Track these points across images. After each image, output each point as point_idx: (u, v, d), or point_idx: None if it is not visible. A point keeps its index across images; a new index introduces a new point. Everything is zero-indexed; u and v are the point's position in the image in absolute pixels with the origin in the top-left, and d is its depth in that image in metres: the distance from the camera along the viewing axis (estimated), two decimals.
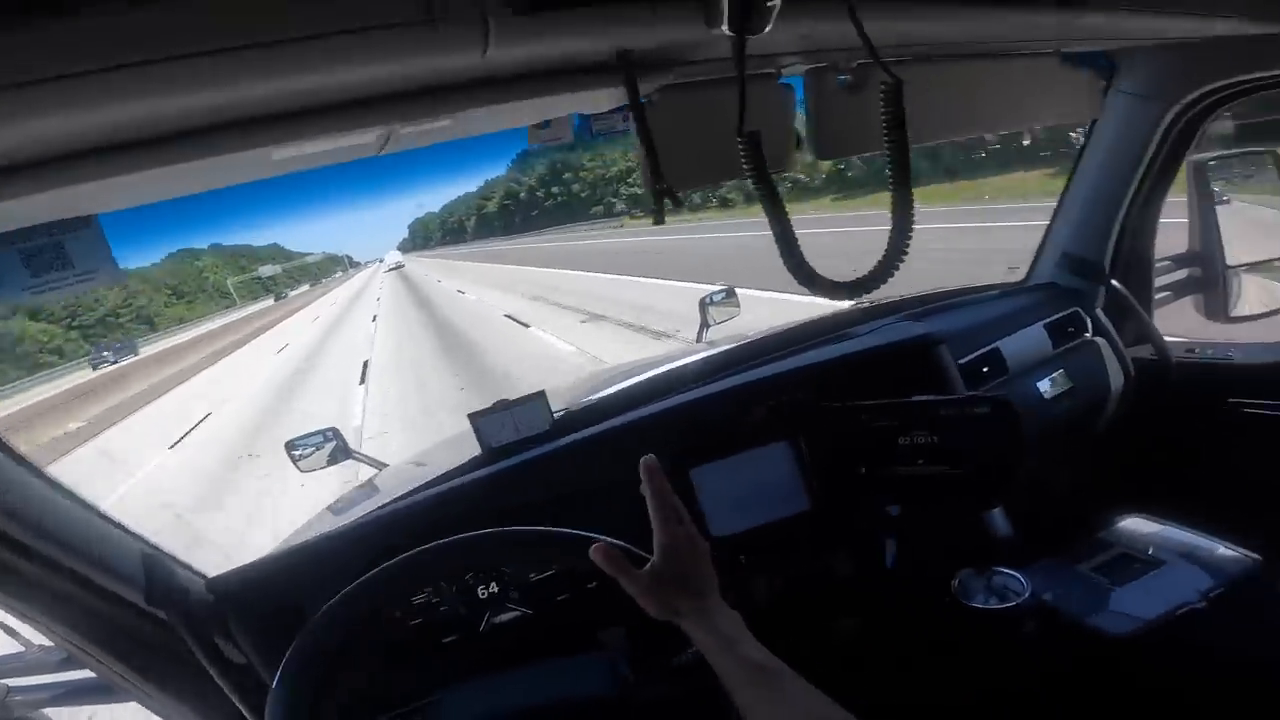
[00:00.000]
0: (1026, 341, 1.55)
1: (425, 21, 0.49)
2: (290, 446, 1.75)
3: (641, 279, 15.33)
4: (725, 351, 1.53)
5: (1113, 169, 1.54)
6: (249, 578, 1.09)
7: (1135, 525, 1.32)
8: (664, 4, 0.61)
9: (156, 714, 1.07)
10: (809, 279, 0.73)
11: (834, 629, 1.25)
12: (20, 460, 0.83)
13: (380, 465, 1.88)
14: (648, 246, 17.61)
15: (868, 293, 0.74)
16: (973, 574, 1.13)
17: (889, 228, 0.74)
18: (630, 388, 1.45)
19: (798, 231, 0.73)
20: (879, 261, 0.73)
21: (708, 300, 2.34)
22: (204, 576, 1.07)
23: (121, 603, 0.95)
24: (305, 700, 0.81)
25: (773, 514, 1.22)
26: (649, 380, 1.47)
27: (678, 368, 1.51)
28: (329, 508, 1.64)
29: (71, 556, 0.86)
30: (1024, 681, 1.12)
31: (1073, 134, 1.74)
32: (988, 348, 1.50)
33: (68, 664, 1.07)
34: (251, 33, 0.45)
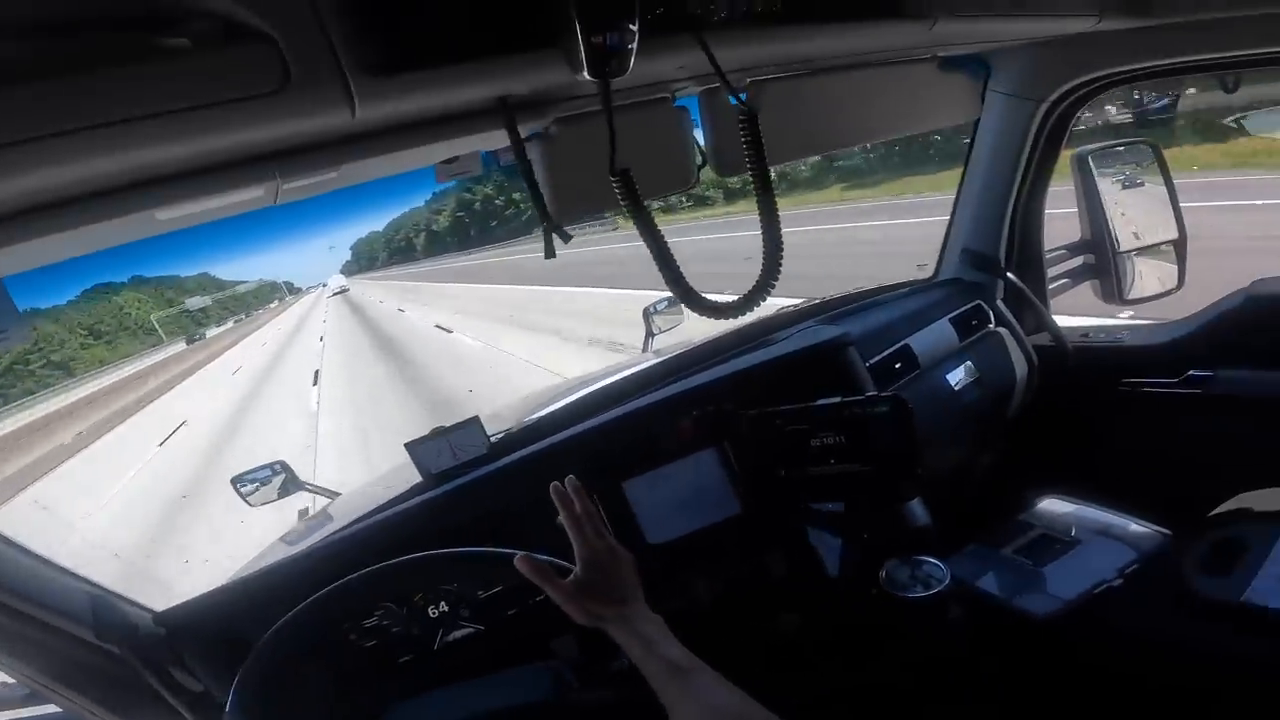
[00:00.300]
0: (934, 336, 1.62)
1: (283, 89, 0.51)
2: (237, 482, 1.75)
3: (621, 290, 13.67)
4: (661, 363, 1.59)
5: (998, 165, 1.63)
6: (197, 610, 1.11)
7: (1052, 506, 1.39)
8: (529, 55, 0.63)
9: None
10: (689, 297, 0.78)
11: (774, 626, 1.30)
12: None
13: (332, 495, 1.89)
14: (622, 255, 16.67)
15: (749, 310, 0.79)
16: (898, 564, 1.17)
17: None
18: (568, 405, 1.49)
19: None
20: (758, 279, 0.78)
21: (651, 310, 2.37)
22: (151, 611, 1.09)
23: (74, 640, 0.97)
24: (255, 716, 0.85)
25: (706, 519, 1.28)
26: (586, 396, 1.51)
27: (615, 382, 1.55)
28: (282, 538, 1.66)
29: (21, 601, 0.89)
30: (953, 665, 1.17)
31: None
32: (898, 345, 1.56)
33: (31, 699, 1.09)
34: (115, 109, 0.47)
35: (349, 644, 1.15)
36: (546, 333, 11.25)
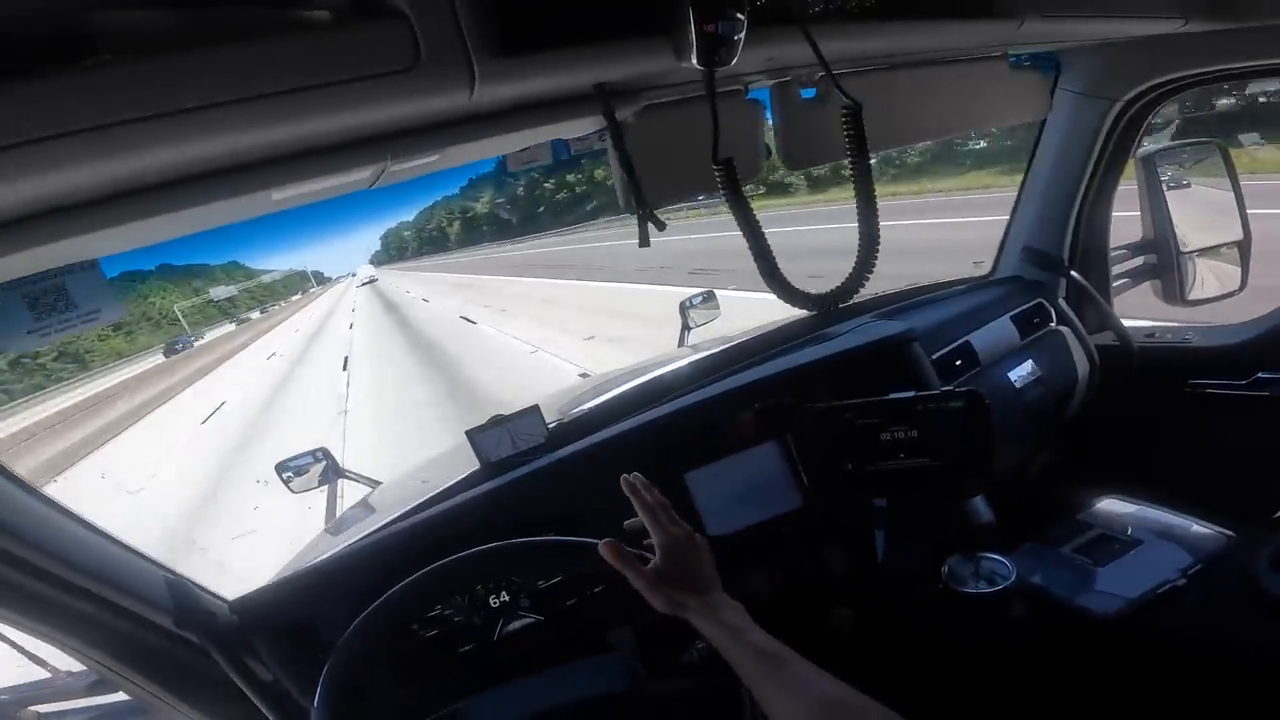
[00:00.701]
0: (995, 334, 1.61)
1: (413, 68, 0.52)
2: (281, 468, 1.75)
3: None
4: (710, 356, 1.57)
5: (1065, 164, 1.61)
6: (269, 599, 1.12)
7: (1112, 506, 1.37)
8: (636, 40, 0.64)
9: None
10: (785, 291, 0.77)
11: (831, 621, 1.30)
12: (44, 499, 0.86)
13: (373, 483, 1.90)
14: (693, 248, 15.23)
15: (844, 302, 0.78)
16: (960, 560, 1.17)
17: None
18: (619, 397, 1.49)
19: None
20: (849, 275, 0.77)
21: (688, 304, 2.38)
22: (225, 600, 1.10)
23: (152, 627, 0.98)
24: (343, 715, 0.85)
25: (766, 512, 1.27)
26: (637, 388, 1.51)
27: (664, 374, 1.55)
28: (327, 529, 1.66)
29: (104, 587, 0.90)
30: (1015, 662, 1.16)
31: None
32: (959, 342, 1.55)
33: (97, 688, 1.10)
34: (247, 86, 0.47)
35: (411, 634, 1.15)
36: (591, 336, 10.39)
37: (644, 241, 0.82)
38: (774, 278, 0.76)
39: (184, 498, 7.99)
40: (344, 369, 14.15)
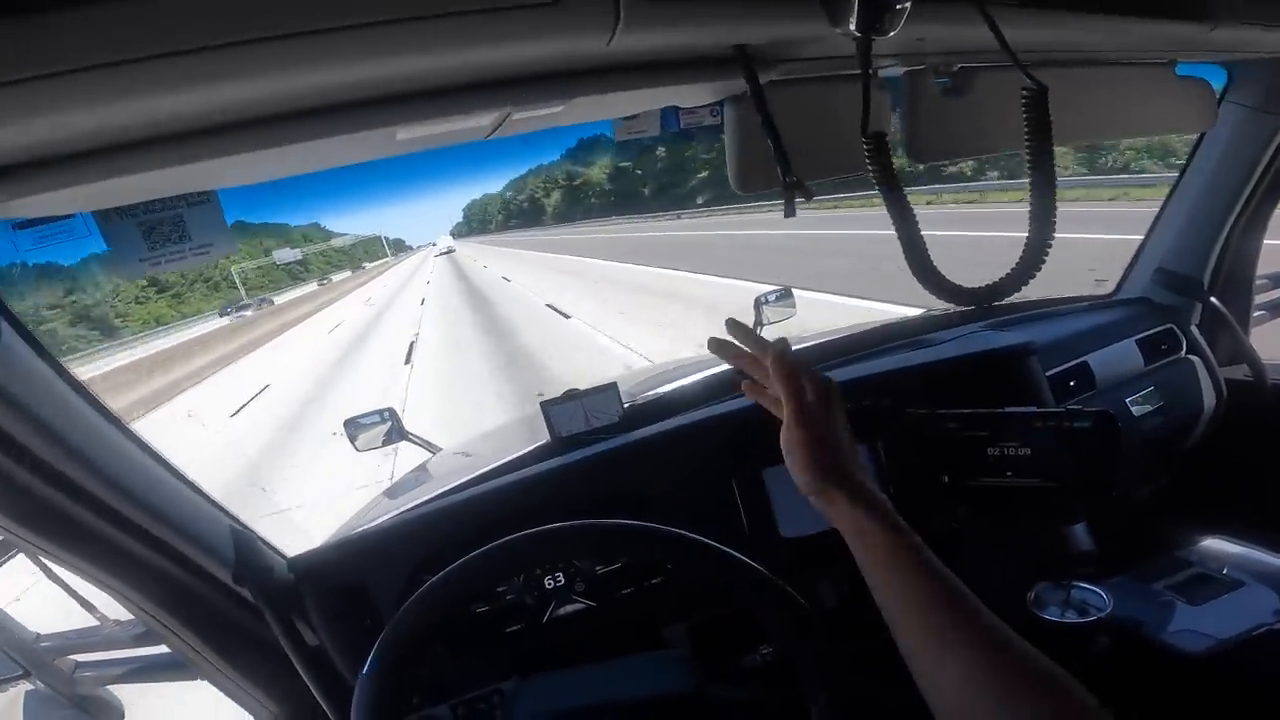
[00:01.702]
0: (1116, 357, 1.54)
1: (555, 3, 0.50)
2: (349, 424, 1.79)
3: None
4: (798, 351, 1.53)
5: (1221, 183, 1.52)
6: (326, 560, 1.13)
7: (1215, 546, 1.31)
8: (787, 3, 0.62)
9: (225, 692, 1.11)
10: (935, 283, 0.73)
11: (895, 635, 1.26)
12: (125, 431, 0.87)
13: (434, 449, 1.92)
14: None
15: (1000, 300, 0.75)
16: (1050, 587, 1.13)
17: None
18: (697, 384, 1.47)
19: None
20: (1014, 268, 0.73)
21: (762, 300, 2.36)
22: (284, 556, 1.11)
23: (209, 579, 0.99)
24: (389, 688, 0.84)
25: None
26: (715, 377, 1.48)
27: None
28: (385, 492, 1.69)
29: (168, 530, 0.91)
30: (1096, 696, 1.11)
31: None
32: (1076, 361, 1.49)
33: (143, 639, 1.11)
34: (383, 8, 0.46)
35: (463, 608, 1.15)
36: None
37: (790, 212, 0.78)
38: (924, 268, 0.73)
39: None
40: (407, 361, 12.22)
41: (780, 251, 15.50)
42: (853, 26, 0.61)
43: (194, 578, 0.97)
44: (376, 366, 12.73)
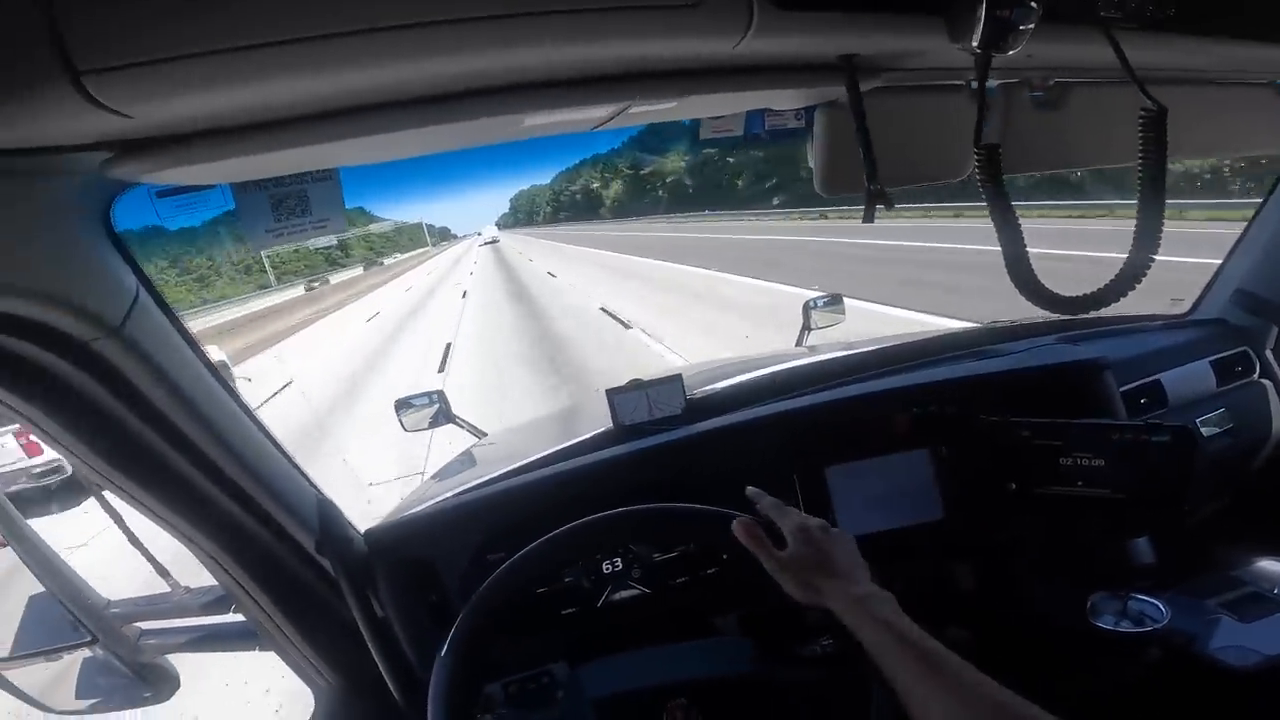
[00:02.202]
0: (1189, 377, 1.55)
1: (699, 4, 0.53)
2: (400, 405, 1.85)
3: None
4: (860, 354, 1.57)
5: None
6: (399, 534, 1.17)
7: (1270, 567, 1.31)
8: (912, 16, 0.64)
9: (288, 662, 1.16)
10: (1034, 290, 0.76)
11: (944, 639, 1.28)
12: (235, 396, 0.91)
13: (480, 434, 1.97)
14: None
15: (1098, 309, 0.77)
16: (1107, 597, 1.15)
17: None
18: (759, 379, 1.50)
19: None
20: (1113, 280, 0.75)
21: (811, 304, 2.39)
22: (358, 530, 1.15)
23: (294, 547, 1.03)
24: (464, 669, 0.88)
25: (903, 519, 1.27)
26: (777, 374, 1.51)
27: (810, 364, 1.55)
28: (434, 476, 1.73)
29: (264, 495, 0.96)
30: (1143, 706, 1.14)
31: None
32: (1148, 379, 1.50)
33: (211, 608, 1.15)
34: (529, 1, 0.48)
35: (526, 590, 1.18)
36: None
37: (869, 217, 0.81)
38: (1025, 276, 0.75)
39: None
40: (441, 369, 10.95)
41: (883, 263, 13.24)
42: (974, 43, 0.63)
43: (280, 544, 1.02)
44: (405, 371, 11.40)
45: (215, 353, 10.09)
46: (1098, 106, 0.91)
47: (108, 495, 0.95)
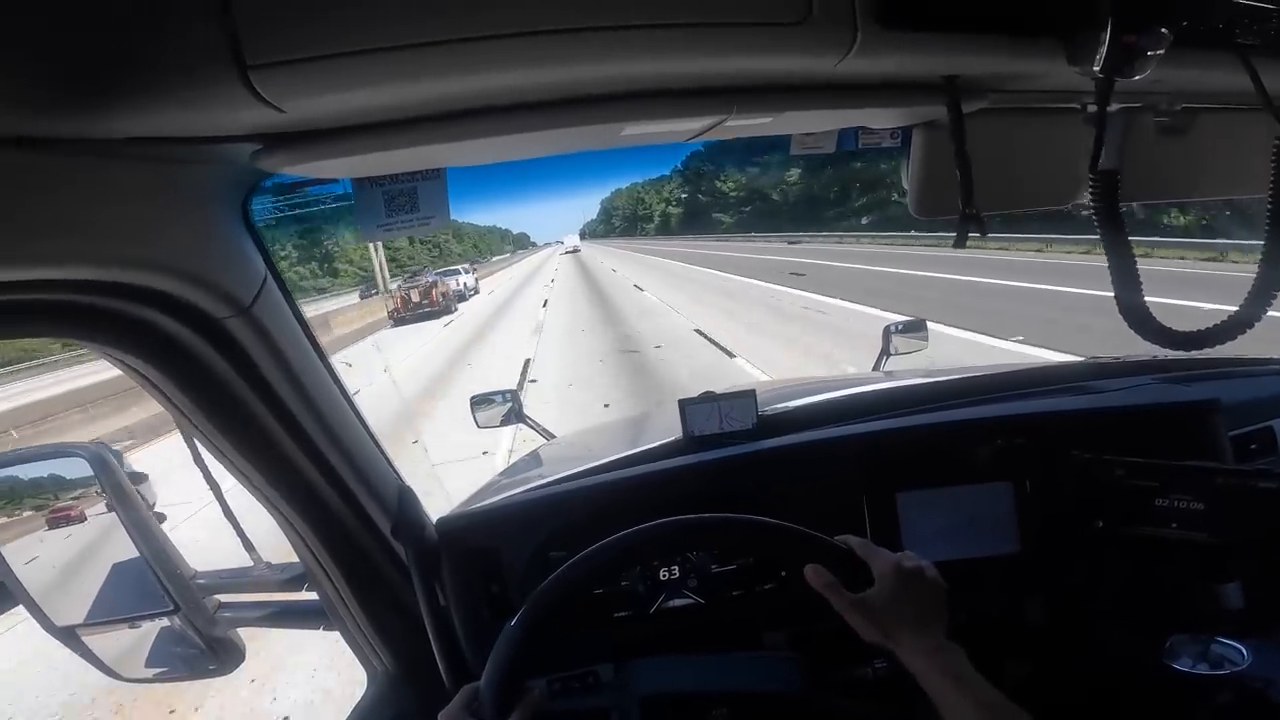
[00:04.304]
0: None
1: (802, 22, 0.57)
2: (475, 401, 2.00)
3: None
4: (942, 383, 1.60)
5: None
6: (470, 525, 1.27)
7: None
8: (1028, 39, 0.66)
9: (351, 643, 1.26)
10: (1143, 323, 0.77)
11: (1004, 672, 1.29)
12: (337, 380, 1.02)
13: (549, 435, 2.09)
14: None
15: (1211, 346, 0.78)
16: (1189, 640, 1.15)
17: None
18: (834, 400, 1.55)
19: None
20: (1230, 318, 0.76)
21: (892, 329, 2.41)
22: (431, 518, 1.25)
23: (372, 529, 1.13)
24: (527, 644, 0.94)
25: (976, 550, 1.29)
26: (853, 397, 1.56)
27: (888, 389, 1.60)
28: (502, 473, 1.84)
29: (350, 474, 1.05)
30: None
31: None
32: (1260, 425, 1.49)
33: (289, 585, 1.26)
34: (637, 13, 0.54)
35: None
36: None
37: (960, 243, 0.85)
38: (1135, 309, 0.76)
39: None
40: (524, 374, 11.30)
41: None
42: (1096, 67, 0.64)
43: (360, 525, 1.11)
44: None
45: None
46: (1228, 134, 0.92)
47: (209, 468, 1.08)
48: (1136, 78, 0.65)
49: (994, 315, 11.10)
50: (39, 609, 1.19)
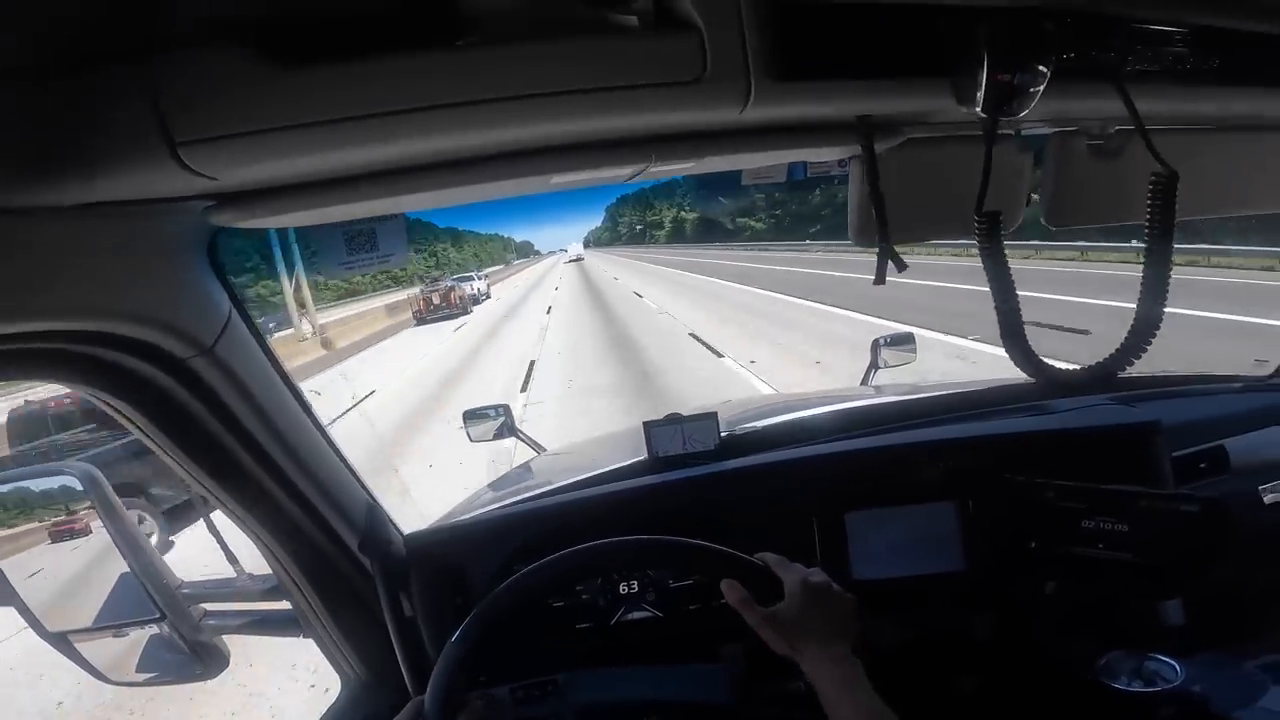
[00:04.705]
0: (1260, 443, 1.55)
1: (698, 81, 0.64)
2: (468, 415, 2.09)
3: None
4: (900, 403, 1.66)
5: None
6: (435, 540, 1.34)
7: None
8: (914, 80, 0.71)
9: (325, 652, 1.33)
10: (1026, 359, 0.81)
11: (951, 686, 1.34)
12: (303, 402, 1.10)
13: (539, 448, 2.18)
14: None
15: (1105, 380, 0.82)
16: (1124, 656, 1.19)
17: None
18: (797, 421, 1.61)
19: None
20: (1109, 357, 0.79)
21: (881, 342, 2.46)
22: (400, 533, 1.32)
23: (339, 545, 1.20)
24: (468, 660, 1.02)
25: (922, 568, 1.35)
26: (816, 417, 1.62)
27: (848, 409, 1.65)
28: (490, 485, 1.92)
29: (318, 495, 1.13)
30: None
31: None
32: (1211, 445, 1.51)
33: (269, 595, 1.34)
34: (566, 80, 0.61)
35: (542, 601, 1.33)
36: None
37: (880, 279, 0.88)
38: (1015, 341, 0.80)
39: None
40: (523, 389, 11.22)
41: None
42: (978, 108, 0.68)
43: (328, 541, 1.19)
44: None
45: None
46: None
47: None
48: (1022, 114, 0.69)
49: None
50: (33, 615, 1.26)
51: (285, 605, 1.33)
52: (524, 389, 11.23)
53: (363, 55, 0.57)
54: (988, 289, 0.81)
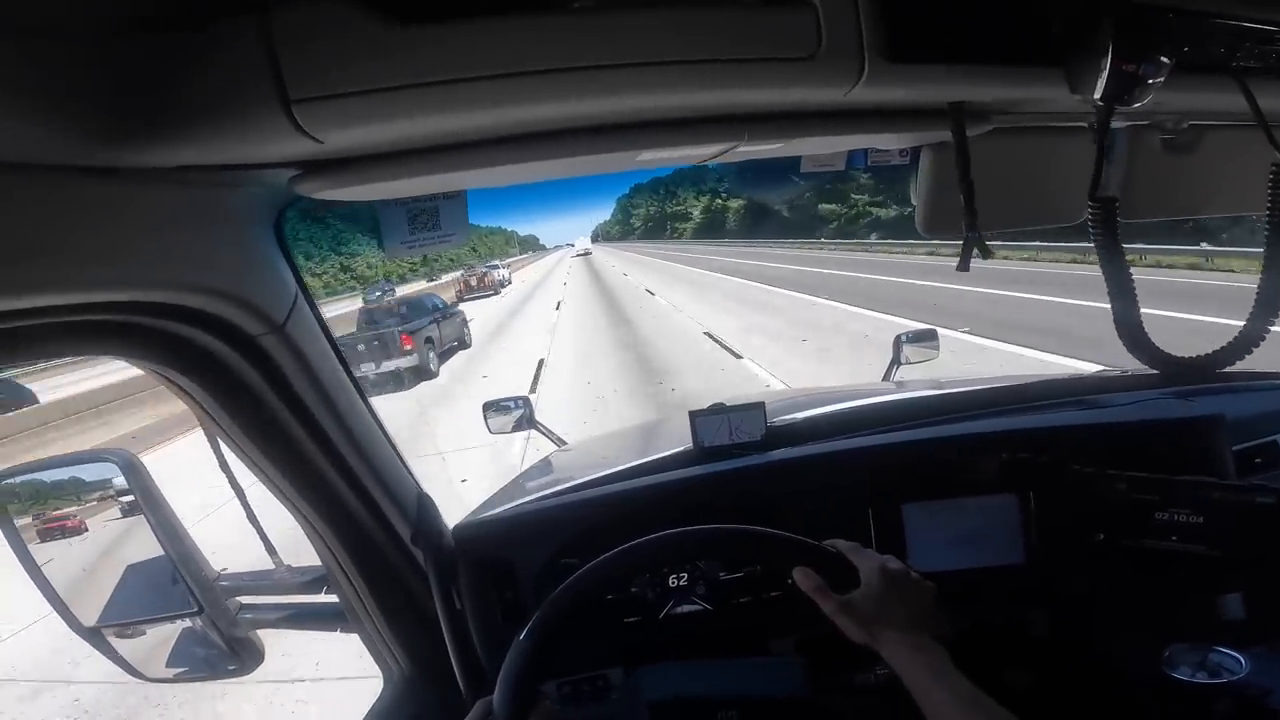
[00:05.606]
0: None
1: (811, 57, 0.62)
2: (488, 406, 2.07)
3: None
4: (949, 395, 1.64)
5: None
6: (485, 532, 1.32)
7: None
8: (1028, 68, 0.70)
9: (369, 645, 1.31)
10: (1139, 346, 0.80)
11: (1006, 681, 1.32)
12: (360, 391, 1.08)
13: (560, 442, 2.15)
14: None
15: (1207, 375, 0.81)
16: (1187, 649, 1.18)
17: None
18: (842, 412, 1.59)
19: None
20: (1233, 340, 0.79)
21: (903, 338, 2.45)
22: (447, 525, 1.30)
23: (392, 535, 1.19)
24: (539, 657, 0.99)
25: (981, 561, 1.33)
26: (862, 408, 1.60)
27: (895, 401, 1.64)
28: (519, 477, 1.90)
29: (372, 482, 1.12)
30: None
31: None
32: (1265, 439, 1.50)
33: (309, 587, 1.32)
34: (666, 49, 0.59)
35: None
36: None
37: (964, 265, 0.88)
38: (1132, 333, 0.79)
39: None
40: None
41: None
42: (1096, 95, 0.67)
43: (380, 530, 1.17)
44: None
45: None
46: (1235, 152, 0.94)
47: (234, 472, 1.14)
48: (1136, 105, 0.69)
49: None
50: (67, 609, 1.24)
51: (325, 598, 1.31)
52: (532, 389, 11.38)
53: (484, 13, 0.55)
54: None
